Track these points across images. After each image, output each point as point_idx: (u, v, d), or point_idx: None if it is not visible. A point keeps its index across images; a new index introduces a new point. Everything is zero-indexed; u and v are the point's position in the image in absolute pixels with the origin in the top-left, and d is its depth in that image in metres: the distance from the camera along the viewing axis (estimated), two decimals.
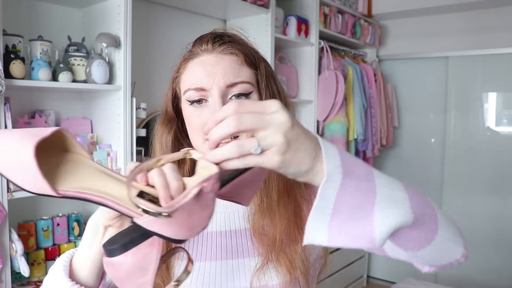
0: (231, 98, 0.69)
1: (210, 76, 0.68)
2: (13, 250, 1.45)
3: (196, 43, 0.73)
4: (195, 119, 0.70)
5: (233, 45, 0.71)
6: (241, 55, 0.70)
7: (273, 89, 0.75)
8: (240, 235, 0.75)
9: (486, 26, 3.02)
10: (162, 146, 0.76)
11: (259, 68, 0.73)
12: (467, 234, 2.43)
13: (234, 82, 0.68)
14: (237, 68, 0.69)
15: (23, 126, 1.62)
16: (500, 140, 3.09)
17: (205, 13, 2.32)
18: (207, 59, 0.70)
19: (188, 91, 0.70)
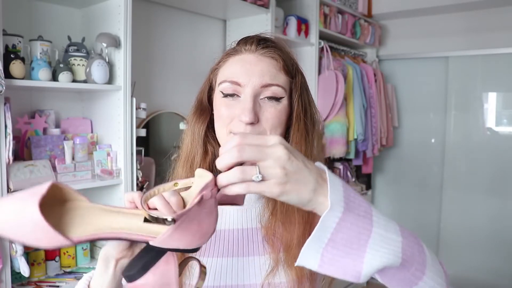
0: (263, 99, 0.71)
1: (248, 74, 0.71)
2: (13, 250, 1.45)
3: (241, 42, 0.76)
4: (224, 110, 0.72)
5: (275, 50, 0.74)
6: (281, 61, 0.73)
7: (305, 100, 0.76)
8: (252, 233, 0.76)
9: (486, 26, 3.02)
10: (195, 136, 0.78)
11: (296, 77, 0.75)
12: (467, 234, 2.44)
13: (269, 83, 0.71)
14: (274, 72, 0.72)
15: (23, 126, 1.62)
16: (500, 140, 3.09)
17: (205, 13, 2.32)
18: (248, 57, 0.73)
19: (223, 83, 0.72)
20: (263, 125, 0.71)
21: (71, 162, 1.64)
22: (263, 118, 0.71)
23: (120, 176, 1.72)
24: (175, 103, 2.19)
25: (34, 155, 1.61)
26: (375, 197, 3.65)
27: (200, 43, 2.30)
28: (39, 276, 1.61)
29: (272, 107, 0.71)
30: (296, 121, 0.74)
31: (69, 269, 1.70)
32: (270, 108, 0.71)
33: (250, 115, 0.69)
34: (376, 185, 3.65)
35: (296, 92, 0.75)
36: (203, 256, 0.76)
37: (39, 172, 1.53)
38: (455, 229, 3.22)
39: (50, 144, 1.66)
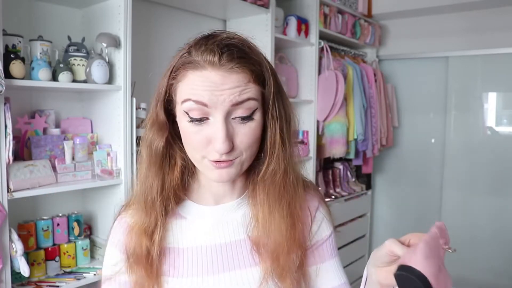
0: (234, 118, 0.65)
1: (214, 95, 0.63)
2: (13, 250, 1.45)
3: (199, 49, 0.65)
4: (194, 136, 0.66)
5: (243, 62, 0.64)
6: (250, 73, 0.65)
7: (279, 106, 0.70)
8: (240, 246, 0.74)
9: (486, 26, 3.02)
10: (151, 152, 0.72)
11: (267, 85, 0.68)
12: (466, 234, 2.44)
13: (240, 101, 0.64)
14: (243, 86, 0.64)
15: (23, 126, 1.62)
16: (500, 140, 3.09)
17: (205, 13, 2.32)
18: (212, 75, 0.63)
19: (188, 101, 0.64)
20: (238, 148, 0.66)
21: (71, 162, 1.64)
22: (238, 140, 0.65)
23: (120, 176, 1.72)
24: None
25: (34, 155, 1.62)
26: (375, 197, 3.65)
27: None
28: (39, 276, 1.61)
29: (246, 127, 0.66)
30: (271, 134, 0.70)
31: (69, 269, 1.70)
32: (244, 129, 0.65)
33: (225, 144, 0.63)
34: (376, 185, 3.65)
35: (269, 101, 0.69)
36: (191, 276, 0.72)
37: (39, 172, 1.53)
38: (455, 229, 3.22)
39: (50, 144, 1.66)
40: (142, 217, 0.73)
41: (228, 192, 0.76)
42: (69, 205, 1.85)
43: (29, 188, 1.48)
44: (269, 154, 0.71)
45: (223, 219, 0.75)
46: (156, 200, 0.72)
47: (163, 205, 0.73)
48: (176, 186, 0.74)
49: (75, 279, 1.62)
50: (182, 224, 0.75)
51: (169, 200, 0.73)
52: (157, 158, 0.72)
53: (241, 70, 0.64)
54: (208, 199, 0.76)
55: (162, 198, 0.72)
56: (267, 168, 0.71)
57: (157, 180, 0.72)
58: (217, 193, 0.75)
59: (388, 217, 3.59)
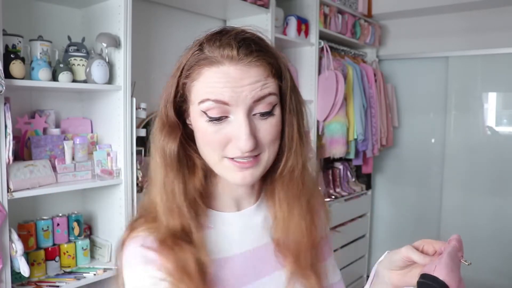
0: (255, 115, 0.62)
1: (235, 92, 0.60)
2: (13, 250, 1.45)
3: (214, 44, 0.62)
4: (213, 136, 0.62)
5: (261, 55, 0.62)
6: (269, 67, 0.63)
7: (296, 101, 0.69)
8: (265, 251, 0.71)
9: (486, 26, 3.02)
10: (165, 156, 0.66)
11: (284, 79, 0.67)
12: (467, 234, 2.44)
13: (262, 96, 0.61)
14: (263, 80, 0.62)
15: (23, 126, 1.62)
16: (500, 140, 3.09)
17: (205, 13, 2.32)
18: (231, 71, 0.60)
19: (206, 102, 0.61)
20: (261, 145, 0.63)
21: (71, 162, 1.64)
22: (260, 136, 0.63)
23: (120, 176, 1.72)
24: None
25: (34, 155, 1.61)
26: (375, 197, 3.65)
27: None
28: (39, 276, 1.61)
29: (267, 123, 0.63)
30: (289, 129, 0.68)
31: (69, 269, 1.70)
32: (265, 125, 0.63)
33: (250, 142, 0.60)
34: (376, 185, 3.65)
35: (287, 96, 0.67)
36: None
37: (39, 172, 1.53)
38: (455, 229, 3.22)
39: (50, 144, 1.66)
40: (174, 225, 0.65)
41: (247, 196, 0.73)
42: (69, 205, 1.85)
43: (29, 188, 1.48)
44: (288, 150, 0.68)
45: (247, 225, 0.72)
46: (182, 206, 0.65)
47: (191, 210, 0.66)
48: (201, 188, 0.68)
49: (75, 279, 1.62)
50: (209, 235, 0.68)
51: (195, 206, 0.67)
52: (173, 162, 0.66)
53: (260, 64, 0.62)
54: (230, 205, 0.72)
55: (188, 203, 0.66)
56: (285, 164, 0.69)
57: (178, 184, 0.66)
58: (237, 198, 0.72)
59: (388, 217, 3.59)
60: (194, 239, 0.65)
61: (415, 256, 0.65)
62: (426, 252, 0.67)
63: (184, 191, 0.66)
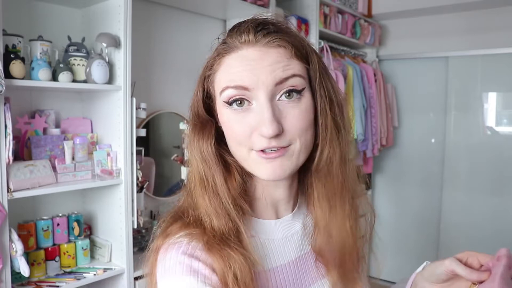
0: (280, 99, 0.58)
1: (254, 74, 0.56)
2: (13, 250, 1.45)
3: (233, 33, 0.60)
4: (237, 126, 0.58)
5: (280, 35, 0.58)
6: (290, 47, 0.58)
7: (328, 87, 0.62)
8: (306, 260, 0.67)
9: (486, 26, 3.02)
10: (204, 155, 0.62)
11: (312, 61, 0.61)
12: (467, 233, 2.43)
13: (284, 78, 0.56)
14: (286, 62, 0.57)
15: (23, 126, 1.62)
16: (500, 140, 3.09)
17: (205, 13, 2.32)
18: (249, 53, 0.57)
19: (226, 90, 0.58)
20: (290, 133, 0.57)
21: (71, 162, 1.64)
22: (288, 124, 0.57)
23: (120, 176, 1.72)
24: (175, 103, 2.19)
25: (34, 155, 1.61)
26: (375, 197, 3.65)
27: (200, 43, 2.29)
28: (39, 276, 1.61)
29: (295, 107, 0.58)
30: (322, 117, 0.61)
31: (69, 269, 1.70)
32: (293, 110, 0.57)
33: (273, 126, 0.55)
34: (376, 185, 3.65)
35: (316, 79, 0.61)
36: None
37: (39, 172, 1.53)
38: (455, 228, 3.22)
39: (50, 144, 1.66)
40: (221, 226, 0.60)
41: (286, 200, 0.67)
42: (69, 205, 1.85)
43: (29, 188, 1.48)
44: (322, 139, 0.62)
45: (287, 234, 0.67)
46: (228, 204, 0.60)
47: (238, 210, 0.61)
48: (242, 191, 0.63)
49: (75, 279, 1.62)
50: (253, 243, 0.62)
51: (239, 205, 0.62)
52: (212, 159, 0.62)
53: (280, 43, 0.58)
54: (269, 212, 0.67)
55: (234, 202, 0.61)
56: (321, 155, 0.62)
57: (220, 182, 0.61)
58: (275, 202, 0.67)
59: (388, 217, 3.59)
60: (244, 243, 0.60)
61: (460, 270, 0.60)
62: (471, 265, 0.62)
63: (227, 190, 0.61)
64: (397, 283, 0.73)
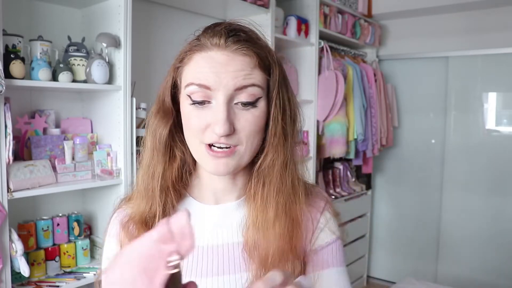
0: (237, 104, 0.63)
1: (218, 77, 0.62)
2: (13, 250, 1.45)
3: (207, 33, 0.65)
4: (194, 120, 0.64)
5: (249, 45, 0.64)
6: (255, 57, 0.64)
7: (284, 98, 0.68)
8: (233, 250, 0.70)
9: (486, 26, 3.02)
10: (155, 139, 0.70)
11: (273, 73, 0.67)
12: (467, 234, 2.44)
13: (244, 85, 0.62)
14: (248, 70, 0.63)
15: (23, 126, 1.62)
16: (500, 140, 3.09)
17: (205, 13, 2.32)
18: (217, 56, 0.63)
19: (191, 86, 0.64)
20: (239, 134, 0.64)
21: (71, 162, 1.64)
22: (239, 126, 0.63)
23: (120, 176, 1.72)
24: None
25: (34, 155, 1.62)
26: (375, 197, 3.65)
27: None
28: (39, 276, 1.61)
29: (249, 113, 0.64)
30: (273, 124, 0.67)
31: (69, 269, 1.70)
32: (247, 115, 0.64)
33: (225, 126, 0.61)
34: (376, 185, 3.65)
35: (274, 90, 0.67)
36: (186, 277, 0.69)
37: (39, 172, 1.53)
38: (455, 229, 3.22)
39: (50, 144, 1.66)
40: (141, 206, 0.70)
41: (228, 191, 0.72)
42: (69, 205, 1.85)
43: (29, 188, 1.48)
44: (268, 144, 0.68)
45: (223, 220, 0.72)
46: (155, 189, 0.69)
47: (162, 196, 0.70)
48: (175, 179, 0.71)
49: (75, 279, 1.62)
50: None
51: (168, 192, 0.71)
52: (160, 146, 0.70)
53: (247, 53, 0.63)
54: (209, 197, 0.73)
55: (161, 188, 0.70)
56: (265, 158, 0.68)
57: (159, 168, 0.70)
58: (217, 191, 0.72)
59: (388, 217, 3.59)
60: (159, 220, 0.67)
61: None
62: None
63: (162, 176, 0.70)
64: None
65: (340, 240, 0.75)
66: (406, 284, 2.47)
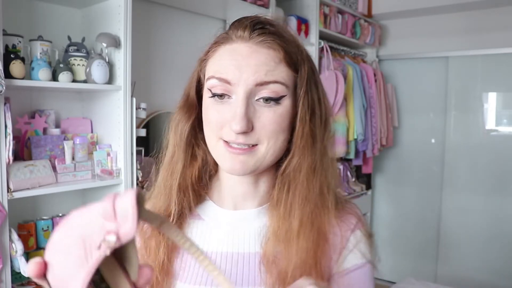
0: (258, 100, 0.59)
1: (239, 70, 0.58)
2: (13, 250, 1.45)
3: (233, 26, 0.62)
4: (213, 115, 0.61)
5: (275, 38, 0.60)
6: (281, 52, 0.59)
7: (313, 98, 0.63)
8: (248, 260, 0.64)
9: (486, 26, 3.02)
10: (177, 135, 0.67)
11: (301, 70, 0.62)
12: (467, 234, 2.44)
13: (265, 81, 0.58)
14: (272, 65, 0.59)
15: (23, 126, 1.62)
16: (500, 140, 3.09)
17: (205, 13, 2.32)
18: (240, 48, 0.59)
19: (211, 79, 0.61)
20: (258, 133, 0.59)
21: (71, 162, 1.64)
22: (259, 124, 0.59)
23: (120, 176, 1.72)
24: (175, 103, 2.17)
25: (34, 155, 1.61)
26: (375, 197, 3.65)
27: (200, 43, 2.29)
28: None
29: (270, 111, 0.59)
30: (300, 125, 0.61)
31: None
32: (268, 113, 0.59)
33: (242, 123, 0.57)
34: (376, 185, 3.65)
35: (301, 89, 0.61)
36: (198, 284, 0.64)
37: (39, 172, 1.53)
38: (455, 229, 3.22)
39: (50, 144, 1.66)
40: (158, 204, 0.67)
41: (249, 196, 0.67)
42: (69, 205, 1.85)
43: (29, 188, 1.48)
44: (295, 146, 0.62)
45: (240, 227, 0.66)
46: (173, 187, 0.66)
47: (180, 195, 0.66)
48: (195, 179, 0.67)
49: None
50: (199, 226, 0.68)
51: (187, 192, 0.67)
52: (181, 142, 0.67)
53: (272, 46, 0.59)
54: (228, 202, 0.68)
55: (179, 187, 0.66)
56: (290, 161, 0.62)
57: (178, 165, 0.67)
58: (236, 195, 0.67)
59: (388, 217, 3.59)
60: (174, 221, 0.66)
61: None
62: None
63: (181, 174, 0.66)
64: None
65: (370, 265, 0.65)
66: (406, 284, 2.48)
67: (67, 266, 0.34)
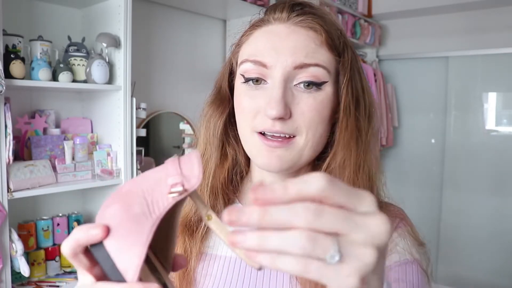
0: (297, 85, 0.53)
1: (276, 51, 0.53)
2: (13, 250, 1.45)
3: (270, 9, 0.58)
4: (247, 102, 0.55)
5: (315, 18, 0.54)
6: (323, 33, 0.54)
7: (357, 86, 0.57)
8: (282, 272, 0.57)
9: (486, 26, 3.02)
10: (209, 134, 0.61)
11: (344, 55, 0.56)
12: (467, 234, 2.44)
13: (305, 63, 0.52)
14: (313, 47, 0.53)
15: (23, 126, 1.62)
16: (500, 140, 3.09)
17: (205, 13, 2.32)
18: (278, 29, 0.55)
19: (244, 63, 0.55)
20: (297, 121, 0.53)
21: (71, 162, 1.64)
22: (297, 111, 0.53)
23: (120, 176, 1.72)
24: (175, 103, 2.19)
25: (34, 155, 1.62)
26: None
27: (200, 43, 2.30)
28: (39, 276, 1.61)
29: (310, 97, 0.53)
30: (344, 116, 0.55)
31: (69, 269, 1.70)
32: (307, 99, 0.53)
33: (278, 107, 0.51)
34: None
35: (345, 76, 0.55)
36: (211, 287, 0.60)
37: (39, 172, 1.53)
38: (455, 229, 3.22)
39: (50, 144, 1.66)
40: (187, 207, 0.61)
41: None
42: (69, 205, 1.85)
43: (29, 188, 1.48)
44: (339, 139, 0.56)
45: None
46: (205, 189, 0.60)
47: (211, 198, 0.61)
48: (224, 181, 0.62)
49: (75, 279, 1.62)
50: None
51: (218, 195, 0.61)
52: (214, 139, 0.61)
53: (312, 26, 0.54)
54: None
55: (211, 189, 0.61)
56: (334, 156, 0.56)
57: (210, 164, 0.61)
58: None
59: None
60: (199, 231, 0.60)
61: None
62: None
63: (214, 174, 0.61)
64: None
65: (417, 264, 0.59)
66: None
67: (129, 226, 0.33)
